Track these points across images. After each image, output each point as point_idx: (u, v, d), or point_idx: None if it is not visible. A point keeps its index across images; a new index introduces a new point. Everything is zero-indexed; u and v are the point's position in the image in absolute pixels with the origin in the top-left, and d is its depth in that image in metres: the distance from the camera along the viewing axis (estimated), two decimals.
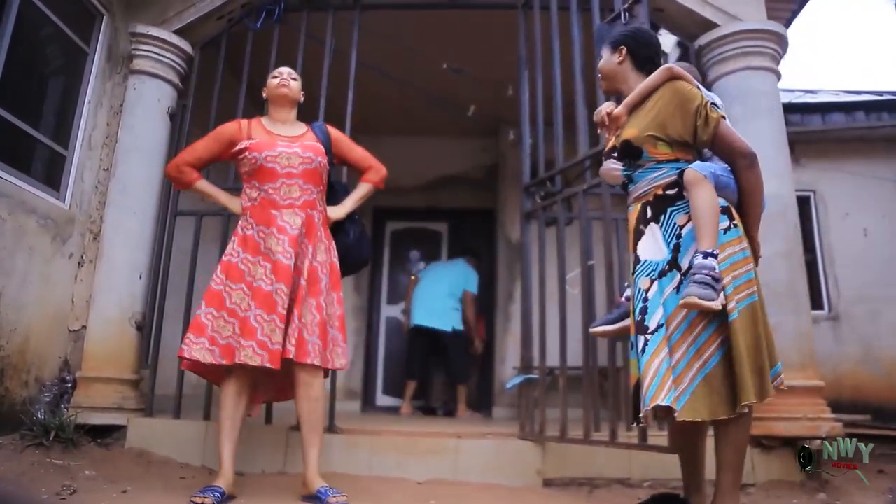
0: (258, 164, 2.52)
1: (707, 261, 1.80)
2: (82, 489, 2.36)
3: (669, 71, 2.04)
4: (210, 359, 2.38)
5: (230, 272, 2.47)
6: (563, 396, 2.90)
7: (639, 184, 2.07)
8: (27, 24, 3.04)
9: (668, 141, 1.99)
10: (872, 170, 5.77)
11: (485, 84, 4.88)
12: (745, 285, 1.89)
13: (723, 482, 1.89)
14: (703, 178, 1.89)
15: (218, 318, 2.42)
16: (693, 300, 1.76)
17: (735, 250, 1.91)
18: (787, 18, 4.49)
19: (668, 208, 1.99)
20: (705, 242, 1.84)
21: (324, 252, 2.56)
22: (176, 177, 2.69)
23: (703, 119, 1.95)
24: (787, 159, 3.34)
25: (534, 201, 3.39)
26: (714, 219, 1.86)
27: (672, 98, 1.99)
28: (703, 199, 1.88)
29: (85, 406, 3.04)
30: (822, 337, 5.29)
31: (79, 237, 3.34)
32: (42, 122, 3.24)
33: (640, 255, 2.03)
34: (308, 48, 3.55)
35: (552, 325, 3.01)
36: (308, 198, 2.55)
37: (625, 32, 2.24)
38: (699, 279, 1.78)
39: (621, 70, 2.17)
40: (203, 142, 2.69)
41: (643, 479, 2.86)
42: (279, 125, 2.68)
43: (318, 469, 2.42)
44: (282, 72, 2.74)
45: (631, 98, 2.10)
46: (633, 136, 2.02)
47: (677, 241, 1.95)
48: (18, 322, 2.89)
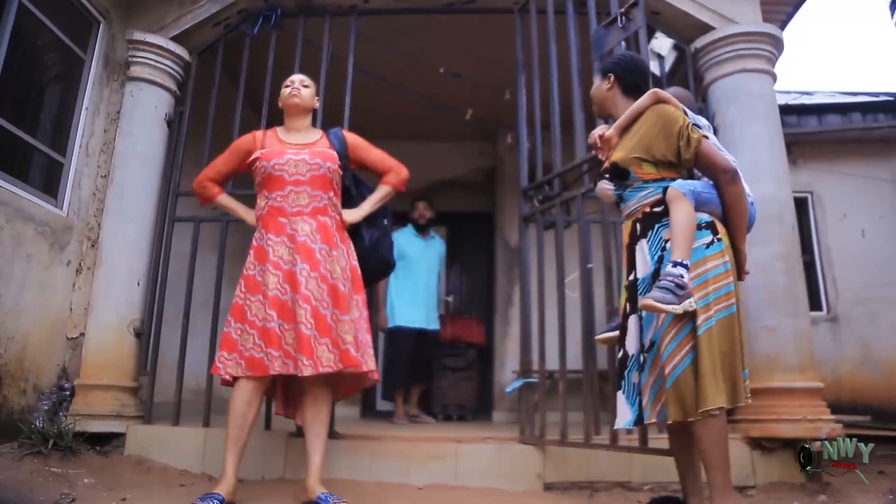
0: (267, 172, 2.53)
1: (675, 269, 1.92)
2: (81, 497, 2.35)
3: (655, 95, 2.16)
4: (239, 372, 2.39)
5: (249, 284, 2.48)
6: (563, 400, 2.89)
7: (629, 202, 2.20)
8: (24, 32, 3.04)
9: (653, 161, 2.11)
10: (869, 171, 5.78)
11: (482, 88, 4.89)
12: (724, 297, 1.99)
13: (713, 481, 1.95)
14: (681, 196, 2.02)
15: (242, 330, 2.43)
16: (650, 302, 1.89)
17: (717, 264, 2.02)
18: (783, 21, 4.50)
19: (655, 224, 2.11)
20: (677, 252, 1.96)
21: (343, 257, 2.55)
22: (199, 192, 2.73)
23: (685, 140, 2.07)
24: (783, 161, 3.35)
25: (532, 205, 3.39)
26: (688, 232, 1.98)
27: (656, 121, 2.11)
28: (679, 214, 2.00)
29: (83, 414, 3.03)
30: (821, 338, 5.30)
31: (77, 244, 3.34)
32: (39, 130, 3.24)
33: (637, 273, 2.13)
34: (305, 54, 3.55)
35: (551, 329, 3.01)
36: (317, 204, 2.54)
37: (613, 60, 2.39)
38: (661, 284, 1.91)
39: (610, 96, 2.32)
40: (221, 157, 2.72)
41: (644, 483, 2.86)
42: (293, 134, 2.68)
43: (320, 475, 2.42)
44: (293, 80, 2.74)
45: (620, 121, 2.23)
46: (619, 159, 2.14)
47: (661, 253, 2.07)
48: (16, 330, 2.89)
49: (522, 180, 3.44)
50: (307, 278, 2.41)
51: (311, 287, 2.40)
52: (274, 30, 3.69)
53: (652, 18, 3.41)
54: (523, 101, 3.49)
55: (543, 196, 3.36)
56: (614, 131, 2.22)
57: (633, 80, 2.29)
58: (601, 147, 2.27)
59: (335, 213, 2.60)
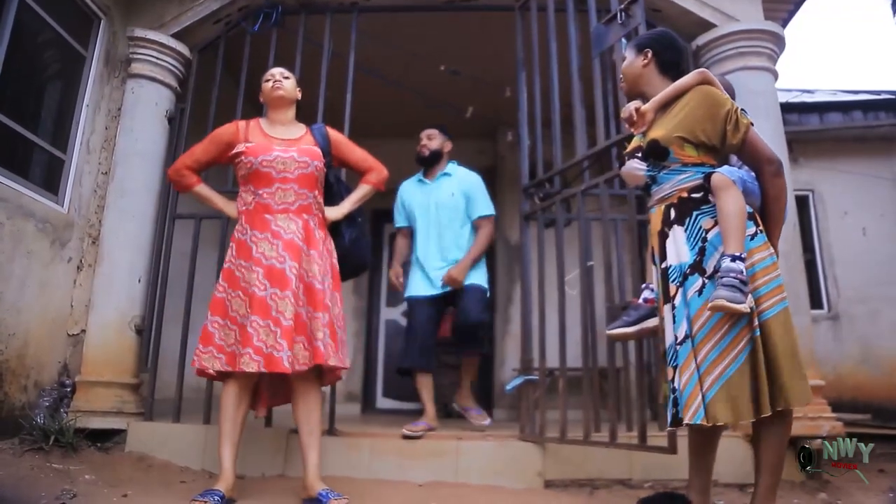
0: (254, 168, 2.52)
1: (735, 264, 1.81)
2: (82, 493, 2.35)
3: (702, 74, 2.04)
4: (218, 366, 2.40)
5: (230, 279, 2.48)
6: (563, 397, 2.89)
7: (662, 185, 2.06)
8: (25, 29, 3.04)
9: (696, 144, 1.99)
10: (871, 169, 5.77)
11: (482, 86, 4.88)
12: (778, 290, 1.90)
13: (760, 484, 1.92)
14: (731, 183, 1.90)
15: (223, 325, 2.44)
16: (721, 303, 1.77)
17: (763, 255, 1.93)
18: (784, 18, 4.50)
19: (694, 211, 1.98)
20: (732, 246, 1.84)
21: (323, 256, 2.56)
22: (176, 180, 2.73)
23: (733, 124, 1.95)
24: (785, 159, 3.34)
25: (532, 202, 3.39)
26: (742, 223, 1.87)
27: (703, 101, 1.99)
28: (732, 203, 1.88)
29: (84, 410, 3.04)
30: (822, 336, 5.30)
31: (77, 241, 3.34)
32: (40, 127, 3.24)
33: (668, 260, 2.02)
34: (306, 51, 3.55)
35: (552, 327, 3.01)
36: (303, 202, 2.55)
37: (651, 35, 2.24)
38: (727, 282, 1.79)
39: (646, 73, 2.16)
40: (201, 145, 2.69)
41: (644, 480, 2.86)
42: (277, 127, 2.68)
43: (319, 472, 2.42)
44: (273, 73, 2.73)
45: (661, 96, 2.09)
46: (661, 137, 2.01)
47: (703, 244, 1.95)
48: (17, 327, 2.89)
49: (523, 178, 3.44)
50: (296, 277, 2.42)
51: (296, 285, 2.42)
52: (275, 27, 3.69)
53: (652, 15, 3.40)
54: (524, 99, 3.49)
55: (544, 193, 3.36)
56: (652, 105, 2.09)
57: (671, 57, 2.15)
58: (636, 122, 2.14)
59: (318, 212, 2.61)
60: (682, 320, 1.92)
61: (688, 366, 1.88)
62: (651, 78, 2.16)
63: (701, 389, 1.83)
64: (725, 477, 2.80)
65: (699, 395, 1.83)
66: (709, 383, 1.83)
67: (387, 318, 6.44)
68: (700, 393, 1.83)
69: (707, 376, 1.84)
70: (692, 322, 1.90)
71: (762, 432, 1.93)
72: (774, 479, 1.92)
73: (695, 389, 1.85)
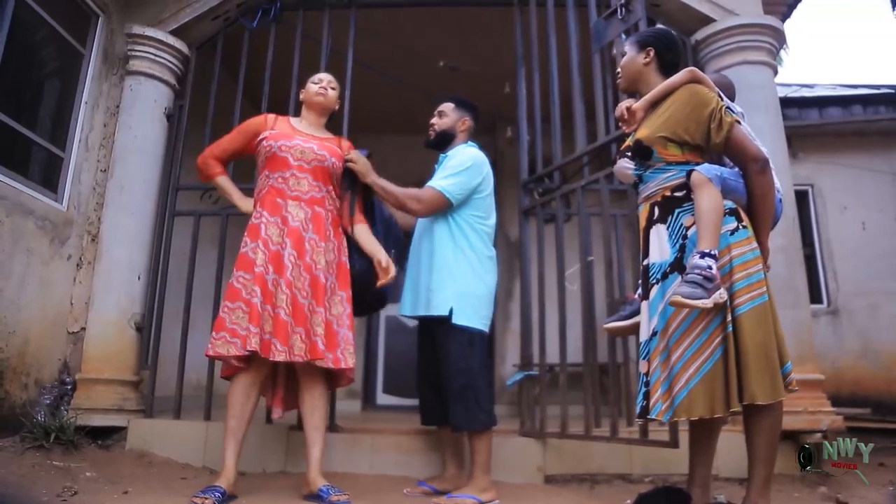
0: (272, 151, 2.53)
1: (702, 260, 1.82)
2: (83, 490, 2.35)
3: (692, 73, 2.05)
4: (234, 351, 2.32)
5: (242, 263, 2.45)
6: (564, 393, 2.90)
7: (648, 184, 2.09)
8: (22, 26, 3.03)
9: (679, 143, 2.00)
10: (870, 163, 5.78)
11: (482, 81, 4.87)
12: (757, 284, 1.90)
13: (754, 476, 1.94)
14: (707, 181, 1.90)
15: (234, 309, 2.37)
16: (678, 299, 1.80)
17: (744, 250, 1.93)
18: (784, 13, 4.48)
19: (676, 209, 2.00)
20: (704, 243, 1.85)
21: (332, 251, 2.55)
22: (202, 169, 2.72)
23: (716, 122, 1.96)
24: (784, 154, 3.34)
25: (532, 198, 3.39)
26: (715, 220, 1.88)
27: (688, 100, 2.00)
28: (706, 200, 1.89)
29: (85, 408, 3.04)
30: (822, 331, 5.31)
31: (77, 239, 3.34)
32: (39, 124, 3.23)
33: (650, 259, 2.05)
34: (304, 47, 3.54)
35: (552, 322, 3.01)
36: (316, 194, 2.55)
37: (655, 34, 2.24)
38: (689, 278, 1.81)
39: (646, 71, 2.17)
40: (229, 136, 2.71)
41: (644, 475, 2.86)
42: (306, 125, 2.70)
43: (321, 468, 2.43)
44: (322, 78, 2.75)
45: (650, 95, 2.10)
46: (644, 137, 2.03)
47: (683, 241, 1.96)
48: (17, 324, 2.89)
49: (522, 173, 3.44)
50: (293, 264, 2.41)
51: (294, 274, 2.41)
52: (273, 23, 3.68)
53: (652, 10, 3.39)
54: (523, 94, 3.48)
55: (543, 189, 3.35)
56: (643, 104, 2.11)
57: (671, 58, 2.16)
58: (627, 120, 2.16)
59: (332, 207, 2.61)
60: (655, 316, 1.97)
61: (651, 361, 1.95)
62: (649, 76, 2.17)
63: (676, 386, 1.87)
64: (726, 471, 2.80)
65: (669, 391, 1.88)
66: (685, 379, 1.86)
67: (387, 314, 6.44)
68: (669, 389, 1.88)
69: (683, 372, 1.87)
70: (669, 320, 1.93)
71: (751, 425, 1.94)
72: (767, 470, 1.93)
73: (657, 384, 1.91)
